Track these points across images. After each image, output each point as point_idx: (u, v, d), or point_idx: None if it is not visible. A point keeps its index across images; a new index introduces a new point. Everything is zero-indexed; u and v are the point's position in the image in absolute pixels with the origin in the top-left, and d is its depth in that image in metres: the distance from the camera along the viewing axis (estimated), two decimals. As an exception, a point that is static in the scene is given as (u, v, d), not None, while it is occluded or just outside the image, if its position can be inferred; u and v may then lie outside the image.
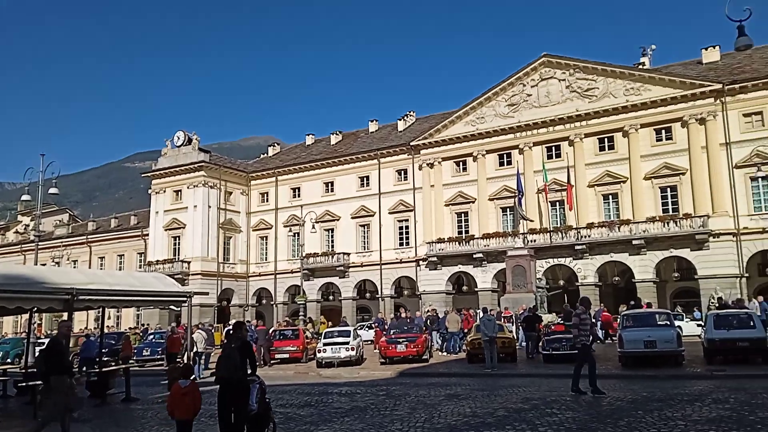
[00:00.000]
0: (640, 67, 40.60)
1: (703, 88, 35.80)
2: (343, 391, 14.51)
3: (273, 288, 50.25)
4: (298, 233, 46.01)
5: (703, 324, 20.19)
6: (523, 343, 23.69)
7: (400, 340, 21.53)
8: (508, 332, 22.68)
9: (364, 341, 28.96)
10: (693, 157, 35.83)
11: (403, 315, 28.52)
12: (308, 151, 54.45)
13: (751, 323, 16.85)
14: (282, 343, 24.48)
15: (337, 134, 54.54)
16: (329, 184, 49.40)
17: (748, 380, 13.75)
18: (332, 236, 48.60)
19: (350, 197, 47.71)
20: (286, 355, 23.89)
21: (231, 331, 9.10)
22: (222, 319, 45.33)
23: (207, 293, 32.14)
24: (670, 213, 36.27)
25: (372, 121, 53.87)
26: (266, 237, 51.84)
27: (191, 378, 8.24)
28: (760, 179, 33.74)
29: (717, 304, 24.91)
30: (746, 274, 34.57)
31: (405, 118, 51.48)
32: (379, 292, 45.80)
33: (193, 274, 46.76)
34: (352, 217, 47.52)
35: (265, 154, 59.70)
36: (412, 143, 45.05)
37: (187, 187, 49.46)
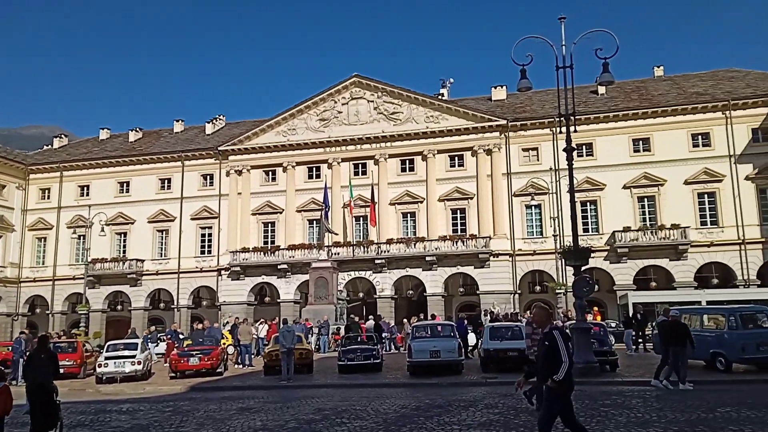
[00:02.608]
0: (440, 97, 44.04)
1: (491, 122, 39.94)
2: (124, 409, 13.38)
3: (50, 296, 44.96)
4: (84, 236, 41.74)
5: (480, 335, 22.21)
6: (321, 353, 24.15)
7: (194, 352, 20.53)
8: (307, 344, 22.85)
9: (157, 355, 27.20)
10: (480, 184, 39.66)
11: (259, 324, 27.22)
12: (102, 146, 49.94)
13: (520, 335, 18.93)
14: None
15: (137, 131, 50.80)
16: (124, 184, 45.76)
17: (515, 386, 15.36)
18: (125, 241, 44.98)
19: (148, 200, 44.62)
20: (61, 370, 21.42)
21: (38, 343, 10.70)
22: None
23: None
24: (459, 233, 39.65)
25: (178, 121, 51.16)
26: (45, 238, 46.35)
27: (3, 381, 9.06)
28: (532, 207, 38.42)
29: (489, 318, 27.58)
30: (519, 291, 39.00)
31: (214, 121, 49.72)
32: (175, 303, 43.32)
33: (-53, 278, 40.06)
34: (149, 222, 44.47)
35: (50, 146, 53.44)
36: (220, 148, 43.65)
37: (-54, 176, 42.42)
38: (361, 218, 41.32)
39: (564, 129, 17.95)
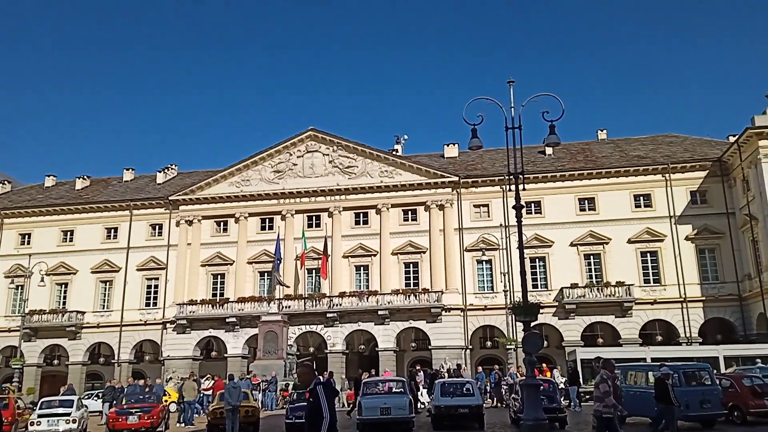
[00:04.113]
0: (394, 153, 44.86)
1: (444, 178, 40.77)
2: (55, 473, 12.56)
3: (-19, 349, 42.44)
4: (23, 286, 39.91)
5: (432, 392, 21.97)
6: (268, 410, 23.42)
7: (133, 410, 19.58)
8: (253, 400, 22.13)
9: (92, 413, 25.83)
10: (432, 238, 40.08)
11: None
12: (46, 193, 48.44)
13: (471, 391, 18.86)
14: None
15: (84, 179, 49.53)
16: (68, 233, 44.28)
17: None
18: (65, 292, 43.18)
19: (93, 249, 43.20)
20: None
21: None
22: None
23: None
24: (412, 287, 39.70)
25: (128, 170, 50.23)
26: (-21, 288, 44.02)
27: None
28: (484, 262, 38.91)
29: (433, 374, 27.26)
30: (470, 346, 39.00)
31: (166, 170, 49.03)
32: (116, 357, 41.46)
33: None
34: (93, 272, 42.94)
35: (-9, 192, 51.48)
36: (171, 197, 42.96)
37: None
38: (314, 271, 40.96)
39: (513, 187, 18.37)
